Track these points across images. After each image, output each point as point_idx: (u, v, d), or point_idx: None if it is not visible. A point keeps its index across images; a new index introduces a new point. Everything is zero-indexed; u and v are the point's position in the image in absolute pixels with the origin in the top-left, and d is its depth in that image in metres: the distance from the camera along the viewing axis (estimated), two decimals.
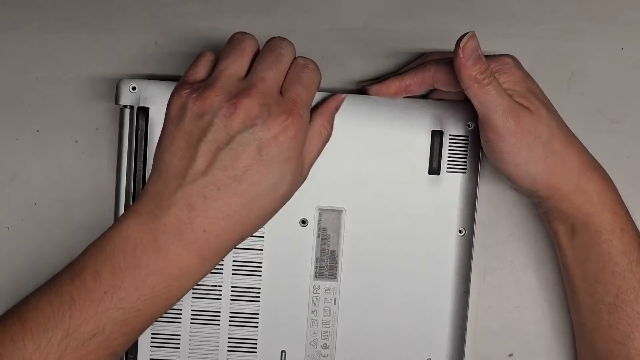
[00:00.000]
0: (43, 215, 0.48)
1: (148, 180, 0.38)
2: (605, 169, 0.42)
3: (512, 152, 0.40)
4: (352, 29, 0.48)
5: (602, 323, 0.42)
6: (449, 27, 0.48)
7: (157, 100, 0.43)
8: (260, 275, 0.44)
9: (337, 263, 0.44)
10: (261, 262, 0.44)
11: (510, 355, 0.48)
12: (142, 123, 0.43)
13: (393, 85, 0.43)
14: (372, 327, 0.44)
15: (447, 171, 0.44)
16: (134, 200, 0.44)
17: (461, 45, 0.38)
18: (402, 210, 0.44)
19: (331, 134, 0.41)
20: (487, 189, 0.48)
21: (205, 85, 0.37)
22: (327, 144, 0.41)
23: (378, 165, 0.44)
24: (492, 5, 0.48)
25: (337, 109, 0.42)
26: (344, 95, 0.43)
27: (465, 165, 0.44)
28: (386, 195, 0.44)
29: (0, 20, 0.49)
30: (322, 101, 0.42)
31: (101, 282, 0.35)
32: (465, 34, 0.39)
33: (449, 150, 0.44)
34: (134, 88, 0.43)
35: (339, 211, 0.44)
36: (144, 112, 0.43)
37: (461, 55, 0.38)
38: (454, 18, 0.48)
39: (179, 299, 0.37)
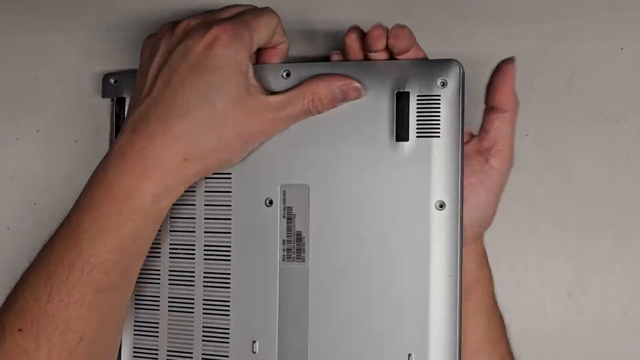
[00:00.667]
0: (43, 215, 0.48)
1: None
2: (606, 169, 0.42)
3: (502, 185, 0.42)
4: None
5: None
6: (449, 27, 0.48)
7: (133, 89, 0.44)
8: (229, 260, 0.42)
9: (304, 245, 0.41)
10: (229, 246, 0.42)
11: None
12: (119, 112, 0.44)
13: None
14: (346, 316, 0.40)
15: (418, 136, 0.40)
16: None
17: (512, 66, 0.40)
18: (370, 183, 0.40)
19: (319, 110, 0.40)
20: None
21: None
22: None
23: (342, 136, 0.40)
24: (492, 5, 0.48)
25: (342, 94, 0.40)
26: (359, 86, 0.40)
27: (438, 128, 0.39)
28: (352, 168, 0.40)
29: (1, 20, 0.49)
30: (327, 74, 0.40)
31: (70, 223, 0.38)
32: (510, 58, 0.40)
33: (418, 112, 0.40)
34: (115, 81, 0.44)
35: (303, 187, 0.41)
36: (120, 102, 0.44)
37: (511, 72, 0.40)
38: (454, 18, 0.48)
39: (138, 225, 0.38)
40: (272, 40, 0.40)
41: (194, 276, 0.43)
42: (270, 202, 0.42)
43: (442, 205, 0.39)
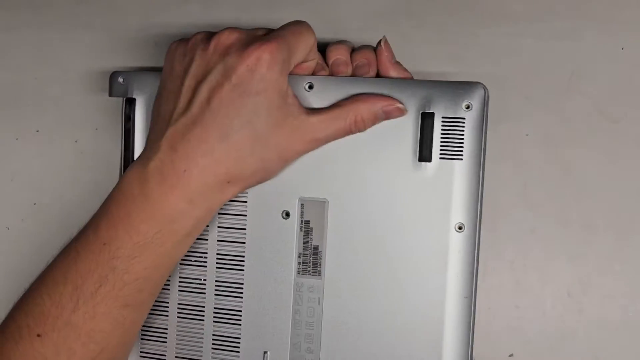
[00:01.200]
0: (43, 215, 0.48)
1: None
2: (605, 169, 0.42)
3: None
4: (352, 29, 0.48)
5: None
6: (449, 27, 0.48)
7: (145, 90, 0.43)
8: (242, 270, 0.42)
9: (320, 259, 0.41)
10: (243, 256, 0.42)
11: (511, 355, 0.48)
12: (129, 113, 0.43)
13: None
14: (359, 331, 0.41)
15: (441, 158, 0.40)
16: None
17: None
18: (390, 202, 0.40)
19: (360, 129, 0.39)
20: (485, 188, 0.48)
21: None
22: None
23: (364, 153, 0.40)
24: (492, 5, 0.48)
25: (385, 114, 0.39)
26: (403, 107, 0.39)
27: (461, 150, 0.40)
28: (372, 185, 0.40)
29: (0, 20, 0.49)
30: (372, 94, 0.40)
31: (100, 235, 0.37)
32: None
33: (442, 134, 0.40)
34: (123, 80, 0.43)
35: (322, 202, 0.41)
36: (130, 103, 0.43)
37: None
38: (454, 18, 0.48)
39: (176, 245, 0.38)
40: (306, 57, 0.40)
41: (205, 284, 0.43)
42: (287, 215, 0.42)
43: (460, 228, 0.40)
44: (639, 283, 0.47)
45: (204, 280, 0.43)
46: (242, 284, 0.42)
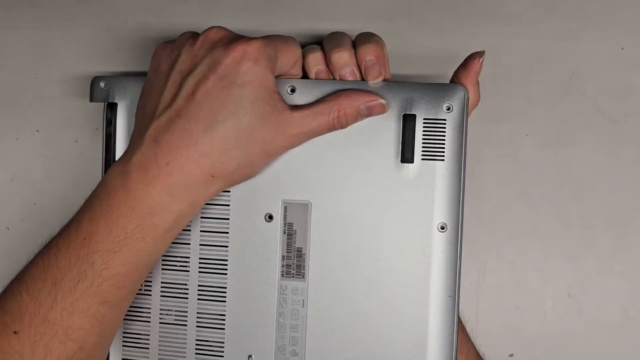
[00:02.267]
0: (43, 215, 0.48)
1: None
2: (606, 169, 0.42)
3: None
4: (352, 29, 0.48)
5: None
6: (449, 27, 0.48)
7: (126, 95, 0.43)
8: (225, 274, 0.42)
9: (304, 261, 0.41)
10: (226, 260, 0.42)
11: (511, 355, 0.48)
12: (110, 118, 0.43)
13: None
14: (344, 333, 0.41)
15: (422, 159, 0.40)
16: None
17: (478, 61, 0.40)
18: (373, 203, 0.40)
19: (343, 126, 0.39)
20: (485, 189, 0.48)
21: None
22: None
23: (346, 155, 0.40)
24: (492, 5, 0.48)
25: (367, 109, 0.39)
26: (385, 102, 0.40)
27: (443, 151, 0.40)
28: (355, 186, 0.40)
29: (1, 19, 0.49)
30: (354, 90, 0.40)
31: (81, 230, 0.36)
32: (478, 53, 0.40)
33: (424, 135, 0.40)
34: (104, 85, 0.43)
35: (305, 204, 0.41)
36: (112, 107, 0.43)
37: (475, 68, 0.40)
38: (454, 18, 0.48)
39: (157, 241, 0.37)
40: (290, 70, 0.40)
41: (187, 288, 0.43)
42: (270, 217, 0.41)
43: (443, 227, 0.40)
44: (639, 283, 0.47)
45: (187, 285, 0.43)
46: (225, 288, 0.42)
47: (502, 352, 0.48)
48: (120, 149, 0.43)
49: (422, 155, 0.40)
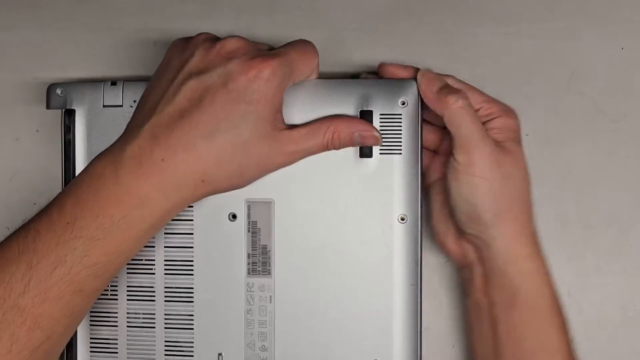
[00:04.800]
0: None
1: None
2: (606, 169, 0.42)
3: (486, 177, 0.40)
4: (352, 29, 0.48)
5: None
6: (449, 27, 0.48)
7: (84, 101, 0.43)
8: (192, 275, 0.42)
9: (269, 258, 0.42)
10: (192, 261, 0.43)
11: None
12: (69, 124, 0.43)
13: (411, 71, 0.42)
14: (312, 326, 0.42)
15: (381, 153, 0.41)
16: None
17: (418, 79, 0.41)
18: (335, 199, 0.42)
19: (336, 147, 0.40)
20: None
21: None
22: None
23: None
24: (492, 5, 0.48)
25: (360, 138, 0.40)
26: (379, 135, 0.40)
27: (400, 145, 0.41)
28: (316, 183, 0.42)
29: (1, 19, 0.49)
30: (351, 117, 0.41)
31: (64, 214, 0.36)
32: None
33: (381, 130, 0.41)
34: (61, 92, 0.44)
35: (268, 202, 0.42)
36: (69, 114, 0.43)
37: (421, 84, 0.41)
38: (454, 18, 0.48)
39: (142, 234, 0.37)
40: (308, 77, 0.41)
41: (154, 291, 0.43)
42: (234, 217, 0.42)
43: (403, 219, 0.41)
44: (638, 283, 0.47)
45: (153, 287, 0.43)
46: (192, 288, 0.43)
47: None
48: (80, 156, 0.43)
49: (380, 149, 0.41)
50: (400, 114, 0.42)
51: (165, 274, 0.43)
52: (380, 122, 0.42)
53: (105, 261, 0.36)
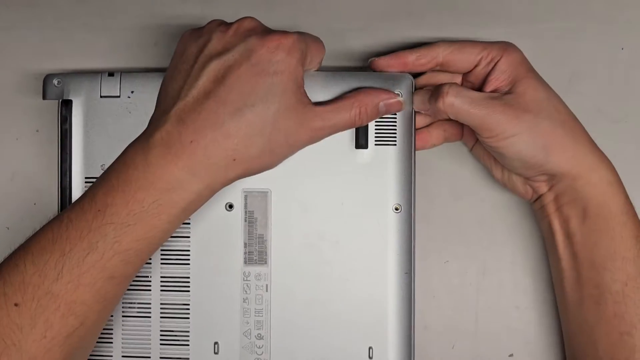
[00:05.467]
0: (43, 215, 0.48)
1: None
2: None
3: (515, 134, 0.40)
4: (352, 29, 0.48)
5: (606, 314, 0.41)
6: (448, 27, 0.48)
7: (81, 92, 0.43)
8: (188, 264, 0.43)
9: (266, 247, 0.43)
10: (189, 250, 0.43)
11: (511, 355, 0.48)
12: (65, 115, 0.43)
13: (401, 56, 0.43)
14: (308, 314, 0.42)
15: (376, 144, 0.43)
16: (63, 193, 0.44)
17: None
18: (331, 189, 0.43)
19: (363, 122, 0.41)
20: (485, 188, 0.48)
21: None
22: None
23: None
24: (492, 5, 0.48)
25: (385, 107, 0.41)
26: (402, 99, 0.42)
27: (394, 136, 0.43)
28: (313, 174, 0.42)
29: (0, 19, 0.49)
30: (373, 88, 0.42)
31: (96, 202, 0.36)
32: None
33: (376, 121, 0.42)
34: (58, 82, 0.44)
35: (264, 193, 0.43)
36: (66, 104, 0.43)
37: (415, 106, 0.43)
38: (454, 18, 0.48)
39: (173, 219, 0.37)
40: (314, 68, 0.41)
41: (150, 281, 0.43)
42: (231, 207, 0.43)
43: (397, 209, 0.42)
44: None
45: (149, 277, 0.43)
46: (188, 278, 0.43)
47: (502, 352, 0.48)
48: (77, 147, 0.43)
49: (376, 141, 0.42)
50: None
51: (162, 263, 0.43)
52: None
53: (136, 247, 0.36)
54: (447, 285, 0.48)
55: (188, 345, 0.43)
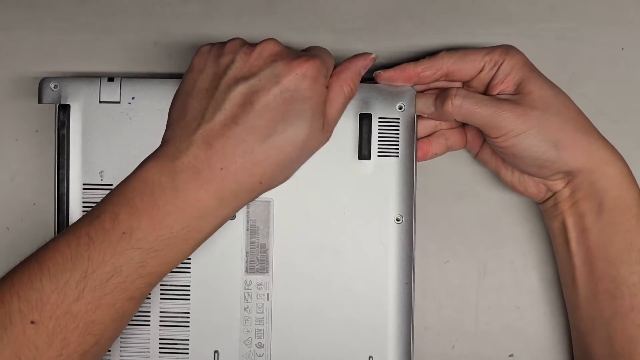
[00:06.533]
0: (43, 215, 0.48)
1: (166, 129, 0.39)
2: None
3: (524, 131, 0.40)
4: (352, 29, 0.48)
5: (623, 308, 0.40)
6: (449, 27, 0.48)
7: (79, 96, 0.43)
8: (189, 272, 0.43)
9: (267, 256, 0.43)
10: (190, 258, 0.43)
11: (511, 355, 0.48)
12: (63, 120, 0.43)
13: (407, 70, 0.43)
14: (308, 323, 0.43)
15: (379, 155, 0.43)
16: (60, 200, 0.43)
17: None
18: (333, 199, 0.43)
19: (355, 93, 0.41)
20: (485, 189, 0.48)
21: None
22: None
23: None
24: (492, 5, 0.48)
25: (365, 69, 0.42)
26: (374, 54, 0.42)
27: (397, 148, 0.43)
28: (315, 184, 0.43)
29: (1, 19, 0.49)
30: (347, 60, 0.42)
31: (119, 223, 0.36)
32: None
33: (379, 133, 0.43)
34: (55, 86, 0.43)
35: (267, 202, 0.43)
36: (64, 109, 0.43)
37: (417, 111, 0.44)
38: (454, 18, 0.48)
39: (198, 243, 0.37)
40: None
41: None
42: (233, 216, 0.42)
43: (398, 219, 0.43)
44: None
45: None
46: (189, 286, 0.43)
47: (502, 352, 0.48)
48: (75, 153, 0.43)
49: (379, 152, 0.43)
50: (398, 118, 0.43)
51: None
52: (379, 125, 0.43)
53: (159, 271, 0.36)
54: (447, 285, 0.48)
55: (188, 353, 0.43)
